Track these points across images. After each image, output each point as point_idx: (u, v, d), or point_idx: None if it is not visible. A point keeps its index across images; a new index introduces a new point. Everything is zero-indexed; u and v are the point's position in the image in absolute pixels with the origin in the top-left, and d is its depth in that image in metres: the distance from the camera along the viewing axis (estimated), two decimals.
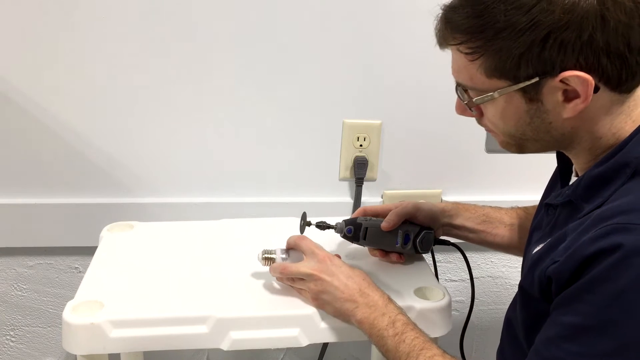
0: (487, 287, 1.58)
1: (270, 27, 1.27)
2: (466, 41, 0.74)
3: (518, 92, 0.74)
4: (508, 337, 0.92)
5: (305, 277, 0.94)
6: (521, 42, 0.70)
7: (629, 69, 0.71)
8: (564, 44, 0.69)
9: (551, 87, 0.72)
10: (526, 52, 0.70)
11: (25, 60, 1.23)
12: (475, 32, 0.72)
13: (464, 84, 0.79)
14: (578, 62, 0.69)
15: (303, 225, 1.07)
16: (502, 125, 0.80)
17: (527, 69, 0.71)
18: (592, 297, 0.67)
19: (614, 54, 0.69)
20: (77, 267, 1.40)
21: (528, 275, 0.80)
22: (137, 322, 0.91)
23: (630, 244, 0.64)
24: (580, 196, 0.77)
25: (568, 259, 0.70)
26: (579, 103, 0.72)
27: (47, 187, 1.32)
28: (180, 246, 1.14)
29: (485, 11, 0.71)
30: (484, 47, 0.72)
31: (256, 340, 0.93)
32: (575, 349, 0.68)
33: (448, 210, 1.10)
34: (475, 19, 0.72)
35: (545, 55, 0.70)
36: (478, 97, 0.78)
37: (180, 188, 1.36)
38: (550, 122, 0.76)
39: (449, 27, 0.75)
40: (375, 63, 1.33)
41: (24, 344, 1.45)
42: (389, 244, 1.07)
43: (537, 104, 0.74)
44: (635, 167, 0.72)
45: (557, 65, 0.70)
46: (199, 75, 1.28)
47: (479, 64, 0.74)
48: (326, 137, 1.37)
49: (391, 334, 0.86)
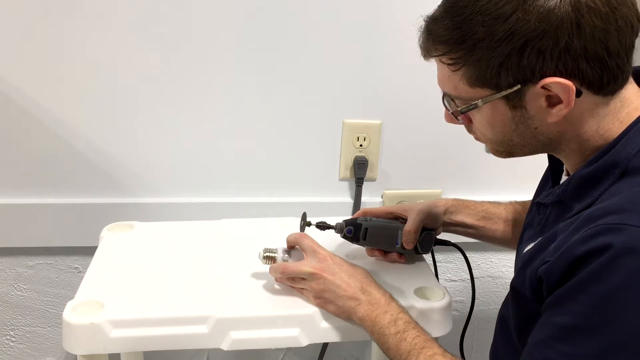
0: (487, 287, 1.58)
1: (271, 28, 1.27)
2: (447, 52, 0.75)
3: (501, 100, 0.75)
4: (501, 335, 0.92)
5: (307, 277, 0.94)
6: (500, 52, 0.71)
7: (610, 72, 0.71)
8: (542, 52, 0.70)
9: (533, 93, 0.73)
10: (505, 61, 0.71)
11: (26, 60, 1.23)
12: (456, 44, 0.73)
13: (449, 94, 0.81)
14: (557, 68, 0.70)
15: (303, 226, 1.07)
16: (489, 133, 0.81)
17: (508, 77, 0.72)
18: (583, 298, 0.67)
19: (593, 59, 0.70)
20: (77, 267, 1.40)
21: (519, 274, 0.81)
22: (137, 322, 0.91)
23: (619, 244, 0.65)
24: (570, 196, 0.78)
25: (558, 260, 0.70)
26: (562, 108, 0.73)
27: (47, 187, 1.32)
28: (180, 246, 1.14)
29: (464, 23, 0.72)
30: (464, 58, 0.74)
31: (256, 340, 0.93)
32: (567, 349, 0.68)
33: (449, 208, 1.11)
34: (455, 30, 0.73)
35: (524, 64, 0.71)
36: (463, 106, 0.79)
37: (180, 188, 1.36)
38: (536, 127, 0.77)
39: (430, 39, 0.77)
40: (375, 63, 1.33)
41: (24, 344, 1.45)
42: (389, 245, 1.07)
43: (521, 110, 0.75)
44: (624, 167, 0.72)
45: (536, 73, 0.71)
46: (199, 75, 1.28)
47: (461, 74, 0.76)
48: (326, 137, 1.37)
49: (393, 332, 0.86)
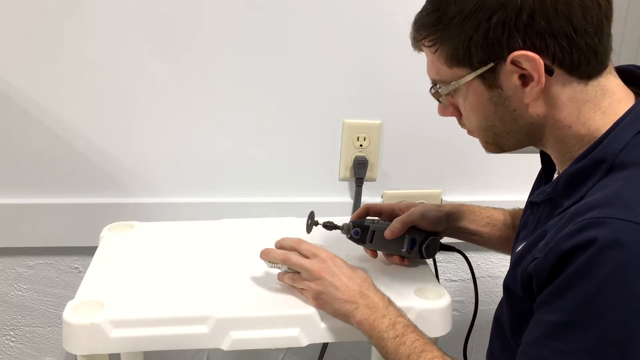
0: (487, 287, 1.58)
1: (271, 28, 1.27)
2: (427, 35, 0.79)
3: (477, 80, 0.77)
4: (497, 336, 0.92)
5: (306, 273, 0.94)
6: (468, 27, 0.73)
7: (580, 50, 0.72)
8: (507, 25, 0.71)
9: (506, 71, 0.74)
10: (474, 35, 0.74)
11: (26, 60, 1.23)
12: (433, 25, 0.77)
13: (433, 79, 0.83)
14: (525, 43, 0.72)
15: (310, 225, 1.06)
16: (474, 120, 0.82)
17: (478, 53, 0.74)
18: (572, 294, 0.67)
19: (559, 34, 0.71)
20: (77, 267, 1.40)
21: (511, 273, 0.81)
22: (137, 322, 0.91)
23: (604, 237, 0.65)
24: (559, 193, 0.79)
25: (546, 256, 0.71)
26: (535, 86, 0.74)
27: (47, 187, 1.32)
28: (180, 246, 1.14)
29: (440, 4, 0.76)
30: (440, 38, 0.77)
31: (256, 340, 0.93)
32: (560, 346, 0.68)
33: (453, 214, 1.10)
34: (433, 13, 0.77)
35: (490, 37, 0.73)
36: (446, 89, 0.81)
37: (180, 188, 1.36)
38: (514, 109, 0.78)
39: (415, 27, 0.81)
40: (375, 63, 1.33)
41: (24, 344, 1.45)
42: (395, 248, 1.07)
43: (498, 90, 0.77)
44: (611, 162, 0.73)
45: (504, 47, 0.73)
46: (199, 75, 1.28)
47: (439, 55, 0.79)
48: (326, 137, 1.37)
49: (391, 335, 0.86)
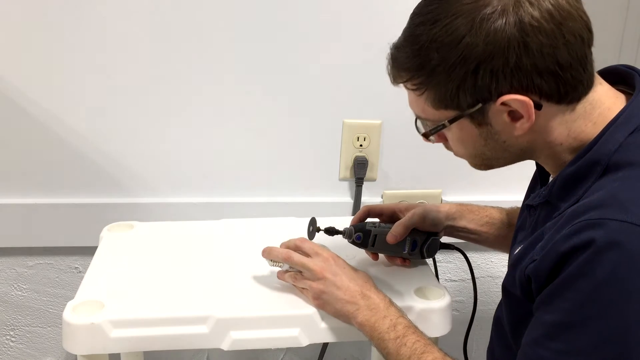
0: (487, 287, 1.58)
1: (271, 27, 1.27)
2: (410, 78, 0.78)
3: (466, 119, 0.77)
4: (497, 336, 0.93)
5: (308, 273, 0.94)
6: (455, 76, 0.73)
7: (566, 83, 0.73)
8: (494, 72, 0.72)
9: (494, 111, 0.75)
10: (461, 83, 0.74)
11: (26, 60, 1.23)
12: (416, 70, 0.77)
13: (418, 115, 0.83)
14: (512, 86, 0.72)
15: (312, 231, 1.06)
16: (462, 150, 0.83)
17: (467, 98, 0.75)
18: (570, 294, 0.68)
19: (545, 73, 0.72)
20: (77, 267, 1.40)
21: (510, 275, 0.82)
22: (137, 322, 0.91)
23: (601, 239, 0.66)
24: (556, 196, 0.79)
25: (544, 257, 0.71)
26: (525, 122, 0.75)
27: (47, 187, 1.32)
28: (180, 246, 1.14)
29: (421, 50, 0.75)
30: (425, 83, 0.77)
31: (256, 340, 0.93)
32: (559, 346, 0.69)
33: (452, 214, 1.11)
34: (414, 58, 0.76)
35: (479, 84, 0.73)
36: (432, 127, 0.81)
37: (180, 188, 1.36)
38: (504, 141, 0.79)
39: (395, 66, 0.81)
40: (375, 63, 1.32)
41: (24, 344, 1.45)
42: (397, 251, 1.07)
43: (487, 127, 0.77)
44: (606, 163, 0.74)
45: (493, 92, 0.73)
46: (199, 75, 1.28)
47: (425, 98, 0.79)
48: (326, 137, 1.37)
49: (392, 337, 0.86)
